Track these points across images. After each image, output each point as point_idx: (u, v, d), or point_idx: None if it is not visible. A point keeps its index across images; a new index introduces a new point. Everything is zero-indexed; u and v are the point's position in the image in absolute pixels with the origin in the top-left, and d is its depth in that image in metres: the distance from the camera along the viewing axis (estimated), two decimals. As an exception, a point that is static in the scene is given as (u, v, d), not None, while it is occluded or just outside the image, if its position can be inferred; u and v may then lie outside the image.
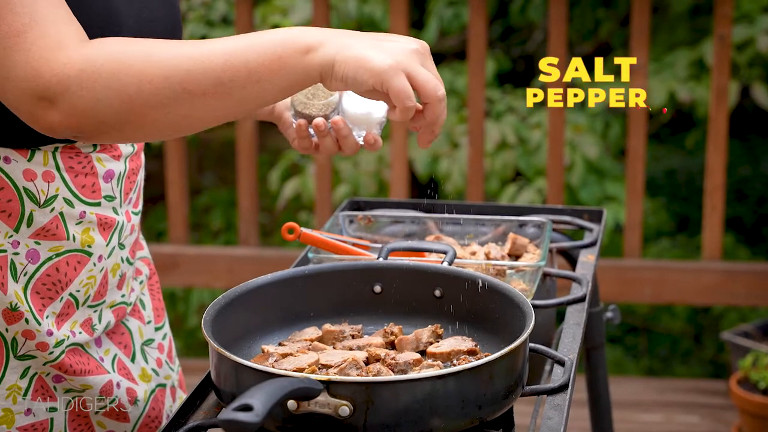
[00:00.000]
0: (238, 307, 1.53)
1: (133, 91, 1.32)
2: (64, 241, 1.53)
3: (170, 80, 1.32)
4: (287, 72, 1.34)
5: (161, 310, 1.81)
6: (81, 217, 1.54)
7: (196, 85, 1.33)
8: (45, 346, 1.53)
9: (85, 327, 1.59)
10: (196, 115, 1.35)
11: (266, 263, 3.85)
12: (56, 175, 1.51)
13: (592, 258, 2.00)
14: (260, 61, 1.33)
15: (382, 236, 2.01)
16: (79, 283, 1.56)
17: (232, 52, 1.33)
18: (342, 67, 1.34)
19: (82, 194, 1.54)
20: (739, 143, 5.34)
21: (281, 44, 1.34)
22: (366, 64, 1.33)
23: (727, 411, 3.66)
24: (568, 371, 1.50)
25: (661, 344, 5.17)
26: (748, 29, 4.34)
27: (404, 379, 1.30)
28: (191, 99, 1.33)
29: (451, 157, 4.43)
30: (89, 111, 1.32)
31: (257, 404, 1.16)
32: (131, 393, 1.66)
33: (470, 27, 3.75)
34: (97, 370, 1.60)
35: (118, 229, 1.60)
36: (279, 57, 1.34)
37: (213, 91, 1.33)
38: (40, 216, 1.50)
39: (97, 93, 1.32)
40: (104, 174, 1.56)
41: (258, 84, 1.34)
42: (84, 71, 1.31)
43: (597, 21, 5.14)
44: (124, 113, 1.33)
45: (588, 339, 2.34)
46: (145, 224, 5.44)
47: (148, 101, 1.33)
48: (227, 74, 1.33)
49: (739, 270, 3.77)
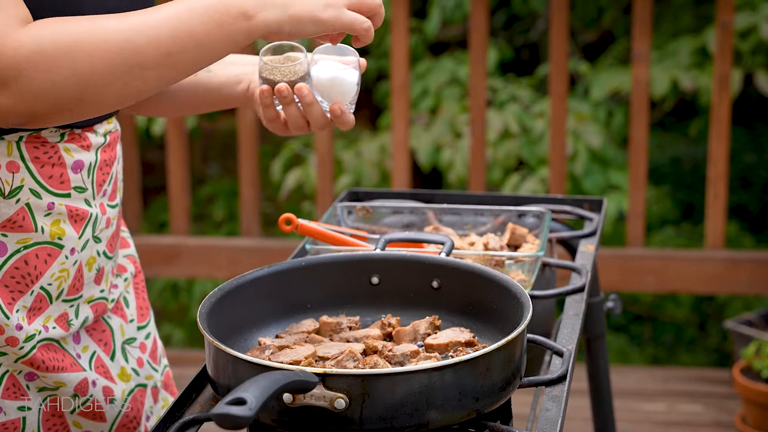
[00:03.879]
0: (235, 300, 1.52)
1: (86, 69, 1.33)
2: (32, 233, 1.50)
3: (122, 55, 1.35)
4: (231, 38, 1.41)
5: (146, 309, 1.78)
6: (49, 208, 1.51)
7: (147, 58, 1.36)
8: (15, 341, 1.50)
9: (60, 322, 1.56)
10: (147, 85, 1.39)
11: (268, 254, 3.85)
12: (21, 165, 1.48)
13: (592, 248, 1.99)
14: (204, 30, 1.39)
15: (381, 227, 2.01)
16: (51, 276, 1.53)
17: (176, 21, 1.38)
18: (289, 26, 1.44)
19: (50, 185, 1.51)
20: (743, 131, 5.32)
21: (222, 12, 1.40)
22: (314, 18, 1.44)
23: (730, 400, 3.65)
24: (567, 362, 1.49)
25: (666, 333, 5.16)
26: (751, 17, 4.32)
27: (400, 372, 1.29)
28: (142, 71, 1.37)
29: (454, 147, 4.42)
30: (45, 93, 1.32)
31: (251, 398, 1.15)
32: (108, 392, 1.63)
33: (472, 16, 3.74)
34: (72, 367, 1.58)
35: (92, 221, 1.57)
36: (221, 24, 1.40)
37: (163, 61, 1.38)
38: (5, 207, 1.48)
39: (53, 74, 1.31)
40: (72, 164, 1.53)
41: (203, 49, 1.40)
42: (36, 53, 1.30)
43: (600, 9, 5.13)
44: (80, 92, 1.34)
45: (588, 329, 2.34)
46: (147, 215, 5.44)
47: (102, 77, 1.34)
48: (175, 45, 1.38)
49: (743, 258, 3.76)
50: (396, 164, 3.85)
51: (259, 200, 4.00)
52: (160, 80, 1.40)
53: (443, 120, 4.54)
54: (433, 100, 4.69)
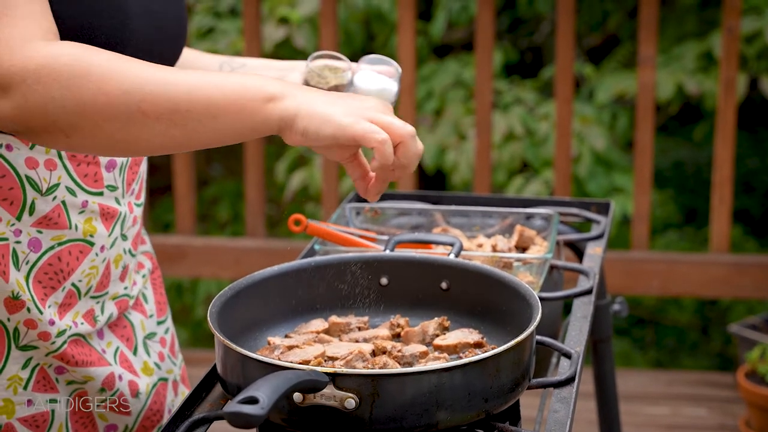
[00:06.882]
0: (245, 299, 1.53)
1: (88, 97, 1.31)
2: (66, 230, 1.53)
3: (128, 96, 1.31)
4: (246, 115, 1.34)
5: (164, 304, 1.81)
6: (83, 206, 1.54)
7: (152, 108, 1.32)
8: (47, 336, 1.53)
9: (87, 318, 1.59)
10: (145, 137, 1.34)
11: (273, 254, 3.85)
12: (58, 163, 1.50)
13: (599, 250, 1.99)
14: (221, 99, 1.33)
15: (389, 228, 2.01)
16: (81, 273, 1.56)
17: (196, 85, 1.33)
18: (305, 121, 1.33)
19: (85, 183, 1.54)
20: (747, 135, 5.32)
21: (245, 88, 1.34)
22: (330, 119, 1.33)
23: (734, 404, 3.65)
24: (575, 364, 1.49)
25: (669, 336, 5.16)
26: (757, 21, 4.32)
27: (410, 372, 1.30)
28: (144, 120, 1.32)
29: (459, 149, 4.42)
30: (40, 108, 1.31)
31: (263, 397, 1.16)
32: (133, 386, 1.66)
33: (478, 18, 3.75)
34: (99, 361, 1.60)
35: (121, 219, 1.60)
36: (240, 98, 1.33)
37: (168, 117, 1.32)
38: (42, 204, 1.50)
39: (52, 91, 1.30)
40: (107, 163, 1.56)
41: (213, 120, 1.33)
42: (44, 67, 1.31)
43: (605, 13, 5.13)
44: (75, 118, 1.32)
45: (595, 331, 2.34)
46: (153, 215, 5.44)
47: (102, 112, 1.31)
48: (185, 104, 1.32)
49: (746, 262, 3.77)
50: (401, 166, 3.84)
51: (264, 201, 4.00)
52: (160, 137, 1.34)
53: (448, 122, 4.54)
54: (438, 102, 4.69)
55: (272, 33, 4.54)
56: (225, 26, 4.84)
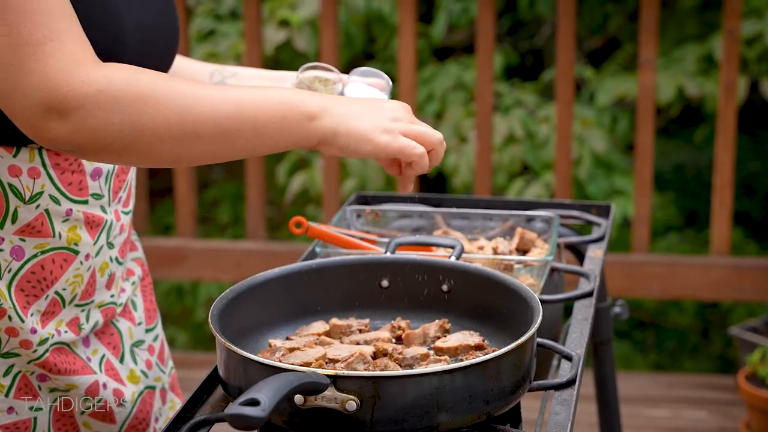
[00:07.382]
0: (246, 301, 1.53)
1: (147, 121, 1.34)
2: (49, 239, 1.52)
3: (183, 119, 1.36)
4: (290, 133, 1.42)
5: (153, 311, 1.79)
6: (67, 214, 1.53)
7: (204, 129, 1.37)
8: (29, 344, 1.52)
9: (72, 326, 1.58)
10: (195, 154, 1.39)
11: (274, 257, 3.85)
12: (42, 171, 1.50)
13: (600, 253, 1.99)
14: (267, 118, 1.40)
15: (390, 231, 2.01)
16: (66, 281, 1.55)
17: (242, 103, 1.39)
18: (344, 139, 1.43)
19: (69, 192, 1.53)
20: (747, 138, 5.32)
21: (288, 106, 1.41)
22: (367, 137, 1.44)
23: (735, 406, 3.65)
24: (576, 366, 1.49)
25: (669, 339, 5.16)
26: (757, 24, 4.32)
27: (411, 374, 1.30)
28: (196, 140, 1.37)
29: (459, 152, 4.43)
30: (99, 132, 1.33)
31: (264, 399, 1.16)
32: (118, 394, 1.65)
33: (478, 21, 3.75)
34: (83, 370, 1.59)
35: (107, 227, 1.59)
36: (284, 118, 1.41)
37: (218, 137, 1.38)
38: (25, 212, 1.49)
39: (113, 116, 1.32)
40: (92, 172, 1.55)
41: (260, 138, 1.40)
42: (103, 92, 1.32)
43: (606, 15, 5.13)
44: (131, 140, 1.34)
45: (595, 334, 2.34)
46: (153, 218, 5.44)
47: (158, 134, 1.35)
48: (235, 124, 1.38)
49: (747, 265, 3.77)
50: (402, 168, 3.85)
51: (265, 203, 4.01)
52: (209, 153, 1.40)
53: (448, 125, 4.54)
54: (439, 104, 4.69)
55: (273, 35, 4.54)
56: (226, 29, 4.84)
